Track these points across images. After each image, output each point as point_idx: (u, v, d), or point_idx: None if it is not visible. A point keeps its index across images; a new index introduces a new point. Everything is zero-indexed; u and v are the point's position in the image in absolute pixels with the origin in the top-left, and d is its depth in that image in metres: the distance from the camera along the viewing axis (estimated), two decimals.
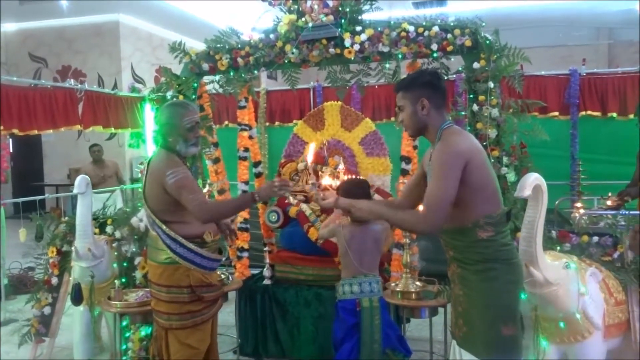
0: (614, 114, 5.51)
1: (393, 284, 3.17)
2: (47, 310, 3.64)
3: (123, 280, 3.41)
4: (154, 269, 2.60)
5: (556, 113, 5.54)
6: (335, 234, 2.91)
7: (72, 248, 3.37)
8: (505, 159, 2.94)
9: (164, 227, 2.51)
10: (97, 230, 3.59)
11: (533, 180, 2.34)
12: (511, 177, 2.92)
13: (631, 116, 5.40)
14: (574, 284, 2.50)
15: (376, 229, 2.85)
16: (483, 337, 2.05)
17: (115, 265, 3.52)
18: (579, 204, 3.87)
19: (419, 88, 2.15)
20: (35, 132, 4.66)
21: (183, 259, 2.52)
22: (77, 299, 3.31)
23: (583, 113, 5.50)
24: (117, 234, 3.57)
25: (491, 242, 2.05)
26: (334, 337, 2.88)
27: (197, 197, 2.46)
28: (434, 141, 2.15)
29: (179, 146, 2.58)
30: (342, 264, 2.92)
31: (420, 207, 2.22)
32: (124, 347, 3.34)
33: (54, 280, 3.65)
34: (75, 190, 3.33)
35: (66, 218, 3.78)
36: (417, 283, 3.20)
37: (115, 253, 3.54)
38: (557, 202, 4.51)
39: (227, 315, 4.36)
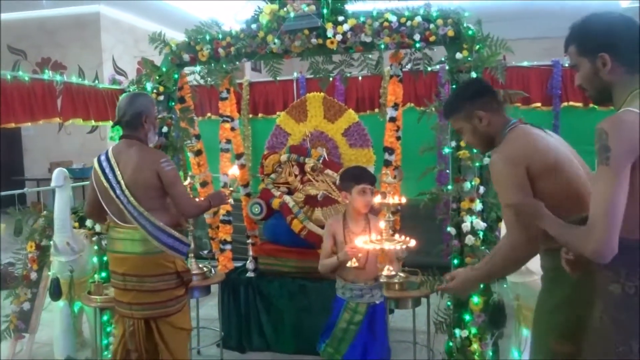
0: (595, 105, 5.54)
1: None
2: (26, 305, 3.58)
3: (103, 274, 3.37)
4: (135, 261, 2.56)
5: (539, 104, 5.55)
6: None
7: (51, 242, 3.32)
8: None
9: (152, 218, 2.51)
10: (76, 224, 3.54)
11: None
12: None
13: (612, 107, 5.42)
14: None
15: None
16: (533, 350, 1.91)
17: (95, 259, 3.47)
18: None
19: (466, 104, 1.97)
20: (13, 125, 4.56)
21: (170, 248, 2.56)
22: (55, 293, 3.26)
23: (565, 104, 5.53)
24: (97, 228, 3.52)
25: (556, 254, 1.74)
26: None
27: (187, 192, 2.61)
28: None
29: (150, 134, 2.66)
30: None
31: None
32: (105, 342, 3.30)
33: (33, 276, 3.59)
34: (52, 184, 3.27)
35: (45, 212, 3.72)
36: (401, 274, 3.19)
37: (95, 247, 3.49)
38: None
39: (210, 308, 4.34)
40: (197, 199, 2.91)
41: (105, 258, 3.44)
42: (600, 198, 1.41)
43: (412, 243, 2.53)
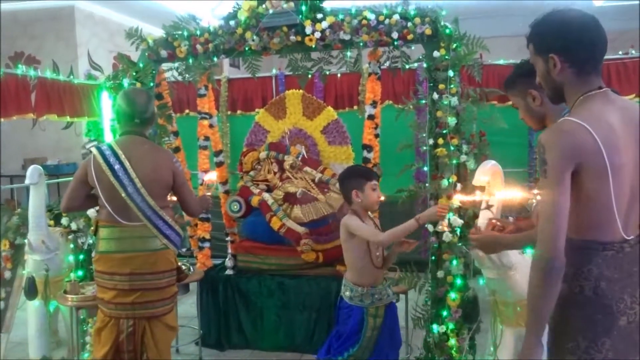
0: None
1: None
2: (0, 305, 3.52)
3: (80, 273, 3.33)
4: (146, 258, 2.54)
5: None
6: None
7: (26, 241, 3.26)
8: (465, 147, 2.97)
9: (166, 217, 2.56)
10: (51, 222, 3.49)
11: (490, 167, 2.39)
12: (471, 164, 2.96)
13: None
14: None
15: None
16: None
17: (71, 257, 3.42)
18: (535, 191, 3.95)
19: (522, 80, 1.95)
20: None
21: (174, 244, 2.62)
22: (31, 292, 3.21)
23: None
24: (73, 226, 3.47)
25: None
26: None
27: (193, 192, 2.78)
28: None
29: (152, 131, 2.78)
30: None
31: None
32: (81, 341, 3.26)
33: (7, 274, 3.53)
34: (27, 181, 3.21)
35: (19, 210, 3.65)
36: None
37: (72, 245, 3.44)
38: None
39: (189, 306, 4.32)
40: None
41: (81, 256, 3.41)
42: (544, 209, 1.48)
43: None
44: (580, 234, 1.50)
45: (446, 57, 2.99)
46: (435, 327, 2.94)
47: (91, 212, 3.40)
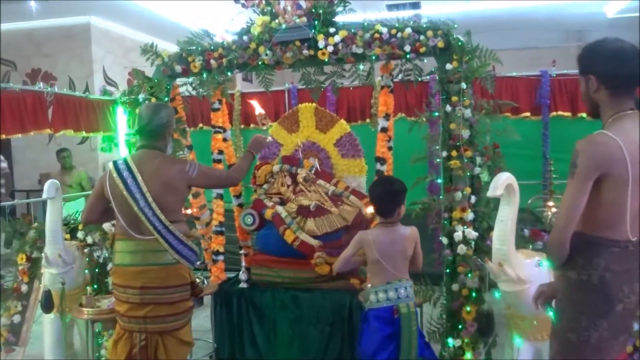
0: (584, 114, 5.63)
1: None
2: (16, 318, 3.55)
3: (95, 286, 3.36)
4: (157, 272, 2.55)
5: (527, 114, 5.62)
6: (362, 245, 2.73)
7: (42, 254, 3.30)
8: (478, 159, 2.98)
9: (177, 232, 2.56)
10: (67, 236, 3.53)
11: (505, 179, 2.38)
12: (484, 177, 2.95)
13: (600, 118, 5.51)
14: (546, 281, 2.53)
15: (403, 232, 2.72)
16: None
17: (86, 271, 3.45)
18: (550, 203, 3.93)
19: (584, 61, 1.84)
20: (3, 136, 4.54)
21: (186, 259, 2.61)
22: (47, 306, 3.23)
23: (554, 113, 5.59)
24: (89, 240, 3.51)
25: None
26: (363, 351, 2.70)
27: (221, 170, 2.89)
28: None
29: (169, 146, 2.72)
30: (371, 271, 2.76)
31: None
32: (97, 354, 3.28)
33: (24, 288, 3.57)
34: (44, 195, 3.26)
35: (36, 224, 3.70)
36: None
37: (87, 259, 3.48)
38: (529, 201, 4.58)
39: (202, 320, 4.32)
40: (233, 165, 2.99)
41: (97, 270, 3.44)
42: (563, 204, 1.75)
43: None
44: (594, 230, 1.76)
45: (459, 69, 3.00)
46: (450, 340, 2.91)
47: (107, 226, 3.44)
